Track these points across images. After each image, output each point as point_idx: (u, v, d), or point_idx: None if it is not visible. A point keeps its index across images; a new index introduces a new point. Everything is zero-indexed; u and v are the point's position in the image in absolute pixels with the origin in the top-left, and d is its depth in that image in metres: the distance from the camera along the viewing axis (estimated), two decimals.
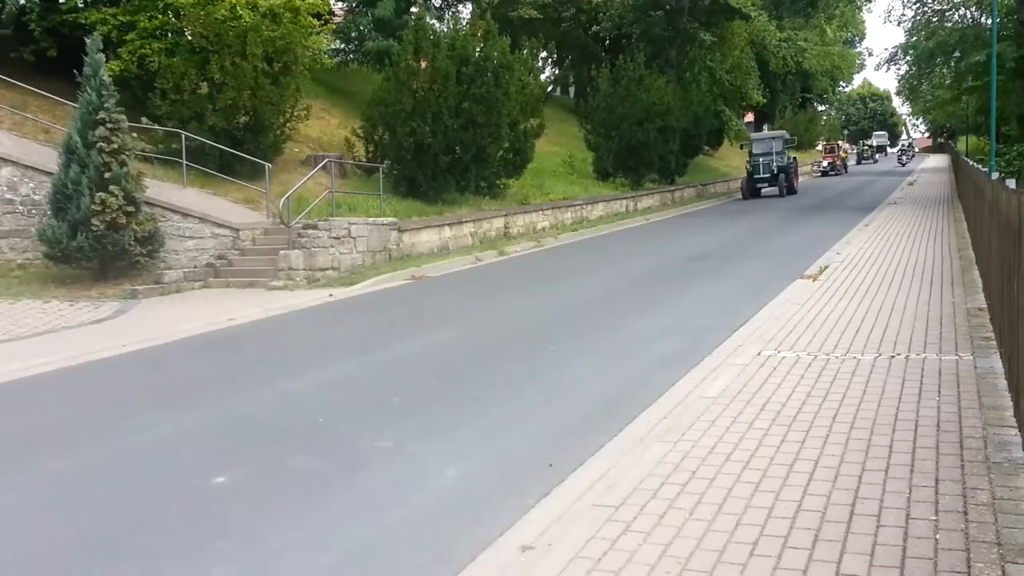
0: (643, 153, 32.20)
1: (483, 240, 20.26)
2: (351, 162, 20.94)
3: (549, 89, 45.00)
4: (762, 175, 35.94)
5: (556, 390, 7.61)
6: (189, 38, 18.01)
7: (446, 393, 7.69)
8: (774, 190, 35.63)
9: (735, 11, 40.63)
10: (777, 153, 36.37)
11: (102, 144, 14.14)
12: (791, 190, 36.09)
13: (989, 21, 26.17)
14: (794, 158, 39.16)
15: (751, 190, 35.96)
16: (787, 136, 39.30)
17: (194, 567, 4.48)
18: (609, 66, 34.66)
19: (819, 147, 60.62)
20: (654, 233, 23.57)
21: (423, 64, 20.78)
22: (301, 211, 16.41)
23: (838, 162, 55.65)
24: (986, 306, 9.49)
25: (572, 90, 52.99)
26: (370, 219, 16.93)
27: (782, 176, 35.70)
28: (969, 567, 3.76)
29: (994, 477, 4.74)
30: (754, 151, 37.12)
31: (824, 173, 54.11)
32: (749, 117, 59.49)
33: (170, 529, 4.98)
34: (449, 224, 19.29)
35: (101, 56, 14.76)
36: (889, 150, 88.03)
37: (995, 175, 14.88)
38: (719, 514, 4.50)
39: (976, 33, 29.47)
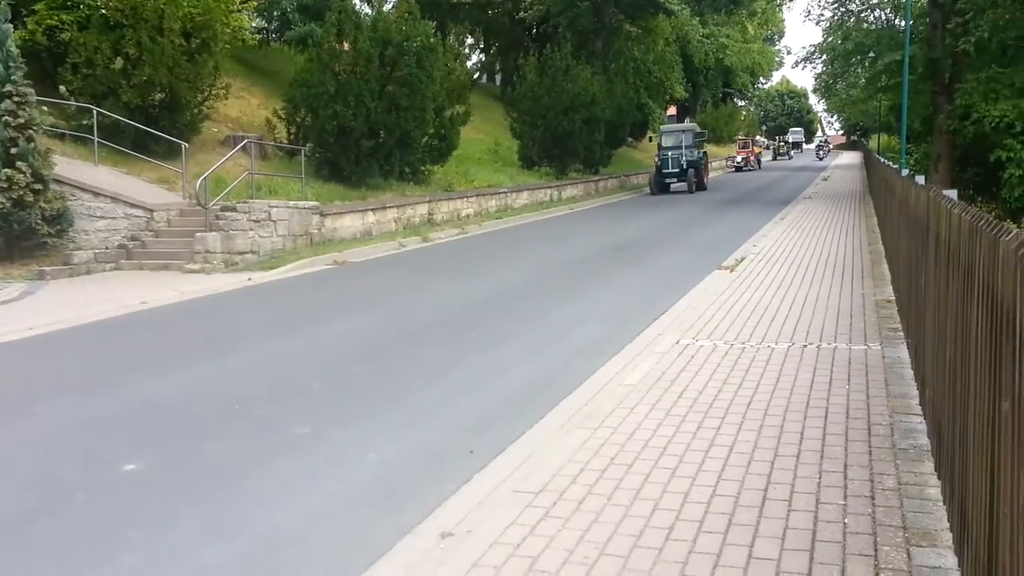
0: (568, 143, 32.38)
1: (407, 226, 20.10)
2: (272, 144, 20.50)
3: (475, 76, 44.88)
4: (671, 170, 34.31)
5: (478, 377, 7.60)
6: (103, 12, 17.34)
7: (367, 379, 7.60)
8: (683, 185, 34.22)
9: (659, 6, 41.14)
10: (687, 147, 34.60)
11: (8, 118, 13.58)
12: (700, 186, 34.69)
13: (903, 23, 27.00)
14: (705, 153, 37.68)
15: (659, 185, 34.22)
16: (698, 129, 37.50)
17: (101, 555, 4.34)
18: (536, 55, 34.65)
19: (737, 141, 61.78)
20: (578, 222, 23.73)
21: (346, 46, 20.47)
22: (219, 193, 16.00)
23: (752, 157, 55.80)
24: (894, 298, 9.81)
25: (499, 78, 52.95)
26: (291, 202, 16.61)
27: (691, 171, 34.16)
28: (876, 550, 3.88)
29: (900, 463, 4.91)
30: (663, 144, 35.36)
31: (738, 168, 54.29)
32: (672, 110, 60.33)
33: (77, 517, 4.82)
34: (372, 209, 19.08)
35: (9, 26, 14.18)
36: (805, 146, 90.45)
37: (905, 172, 15.40)
38: (637, 499, 4.55)
39: (890, 35, 30.36)
